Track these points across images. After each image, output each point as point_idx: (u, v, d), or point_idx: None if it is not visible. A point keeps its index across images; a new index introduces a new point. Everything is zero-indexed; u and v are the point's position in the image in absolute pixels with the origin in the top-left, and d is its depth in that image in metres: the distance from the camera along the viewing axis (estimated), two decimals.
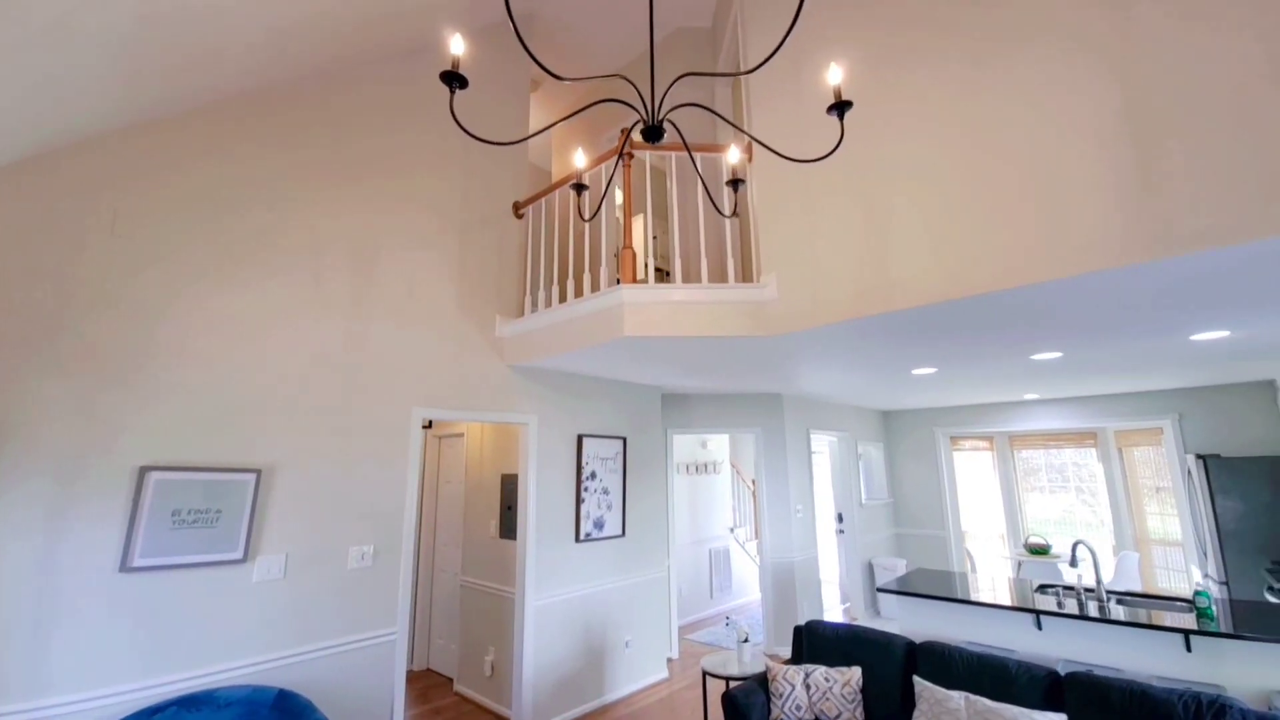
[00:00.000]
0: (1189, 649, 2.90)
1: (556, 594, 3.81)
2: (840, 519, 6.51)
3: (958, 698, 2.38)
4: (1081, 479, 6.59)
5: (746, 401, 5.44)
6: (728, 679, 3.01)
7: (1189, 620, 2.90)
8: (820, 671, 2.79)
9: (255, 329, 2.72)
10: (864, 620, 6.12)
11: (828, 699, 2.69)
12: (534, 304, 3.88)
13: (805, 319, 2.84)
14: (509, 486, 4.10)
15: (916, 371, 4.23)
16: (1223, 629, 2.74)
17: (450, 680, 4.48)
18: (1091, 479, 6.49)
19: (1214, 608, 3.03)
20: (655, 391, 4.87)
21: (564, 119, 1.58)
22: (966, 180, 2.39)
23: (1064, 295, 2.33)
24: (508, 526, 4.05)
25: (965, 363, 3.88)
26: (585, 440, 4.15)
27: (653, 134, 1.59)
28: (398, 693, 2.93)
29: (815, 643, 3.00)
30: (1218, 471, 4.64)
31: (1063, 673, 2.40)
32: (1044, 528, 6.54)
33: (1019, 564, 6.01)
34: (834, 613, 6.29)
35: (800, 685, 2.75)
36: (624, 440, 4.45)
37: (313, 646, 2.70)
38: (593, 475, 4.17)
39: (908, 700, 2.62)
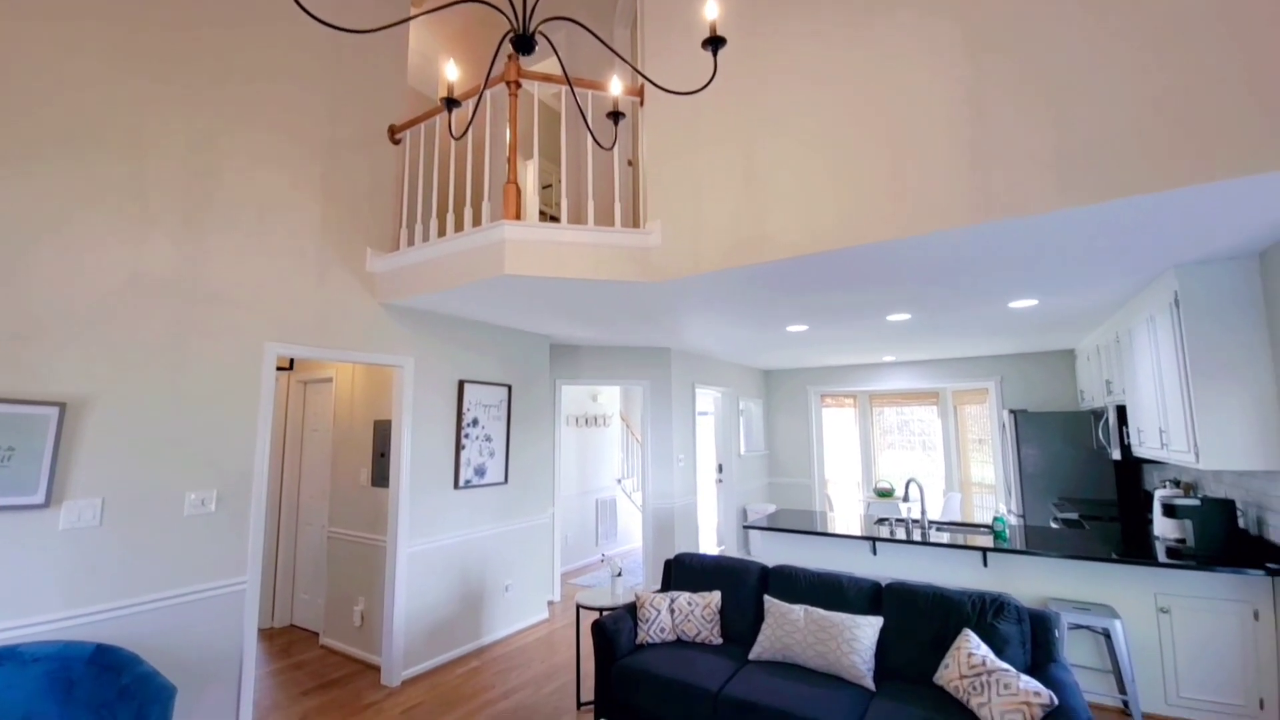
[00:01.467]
0: (986, 564, 3.46)
1: (432, 540, 3.73)
2: (720, 469, 6.92)
3: (799, 610, 2.67)
4: (926, 434, 7.50)
5: (635, 354, 5.54)
6: (600, 610, 3.14)
7: (988, 542, 3.44)
8: (684, 597, 2.99)
9: (54, 242, 2.31)
10: None
11: (689, 620, 2.90)
12: (410, 238, 3.64)
13: (687, 266, 2.91)
14: (382, 433, 3.90)
15: (790, 328, 4.53)
16: (1015, 548, 3.29)
17: (316, 635, 4.28)
18: (932, 434, 7.42)
19: (1007, 532, 3.63)
20: (543, 341, 4.81)
21: (425, 12, 1.46)
22: (833, 141, 2.54)
23: (909, 254, 2.58)
24: (380, 474, 3.86)
25: (831, 321, 4.21)
26: (467, 386, 4.03)
27: (523, 44, 1.52)
28: (248, 643, 2.74)
29: (683, 573, 3.21)
30: (1024, 424, 5.48)
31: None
32: (893, 477, 7.40)
33: (869, 505, 6.78)
34: (710, 552, 6.73)
35: (665, 610, 2.94)
36: (509, 388, 4.37)
37: (143, 599, 2.44)
38: (474, 422, 4.07)
39: (759, 617, 2.89)
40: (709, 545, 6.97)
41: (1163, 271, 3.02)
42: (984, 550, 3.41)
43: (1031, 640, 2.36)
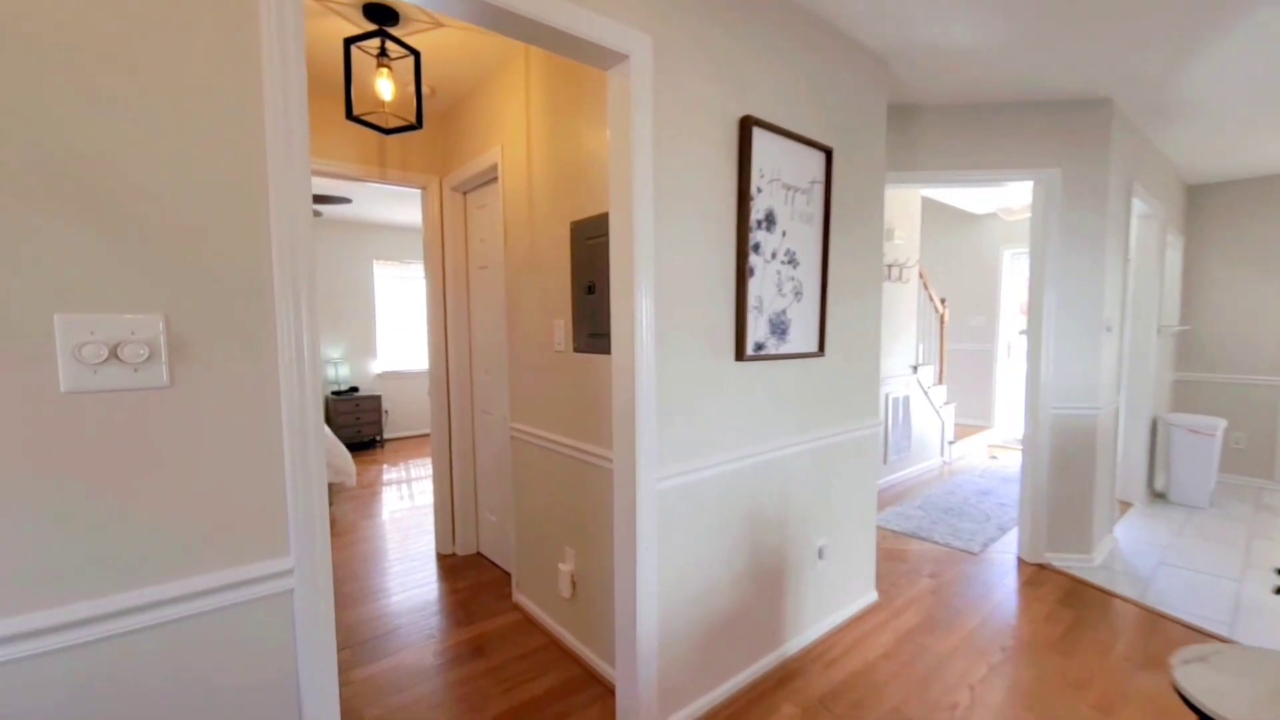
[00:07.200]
0: None
1: (701, 464, 1.76)
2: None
3: None
4: None
5: (1036, 114, 2.79)
6: None
7: None
8: None
9: None
10: (1150, 511, 3.89)
11: None
12: None
13: None
14: (587, 242, 1.92)
15: None
16: None
17: (508, 578, 2.80)
18: None
19: None
20: (877, 69, 2.33)
21: None
22: None
23: None
24: (590, 327, 1.94)
25: None
26: (758, 135, 1.81)
27: None
28: (323, 702, 1.05)
29: None
30: None
31: None
32: None
33: None
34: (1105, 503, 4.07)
35: None
36: (827, 156, 2.06)
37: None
38: (768, 220, 1.89)
39: None
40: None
41: None
42: None
43: None
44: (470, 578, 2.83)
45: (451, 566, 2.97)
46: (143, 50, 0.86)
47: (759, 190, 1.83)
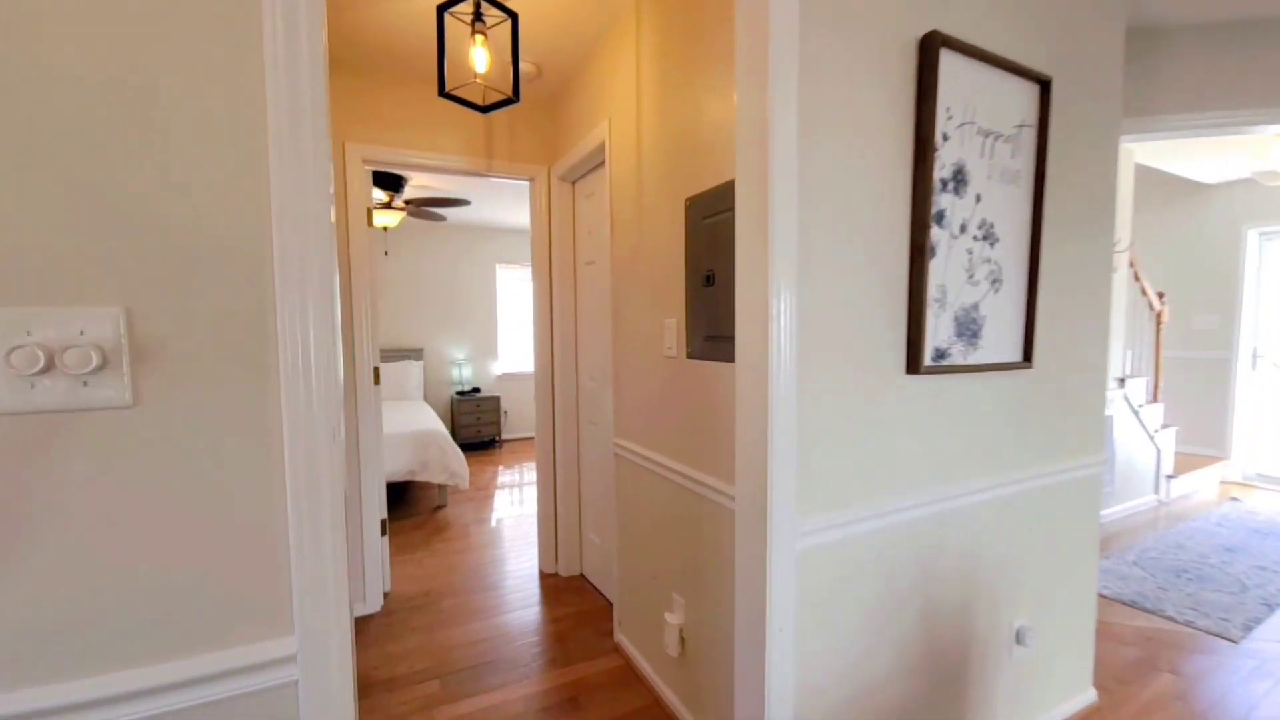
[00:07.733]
0: None
1: (854, 514, 1.30)
2: None
3: None
4: None
5: None
6: None
7: None
8: None
9: None
10: None
11: None
12: None
13: None
14: (705, 222, 1.53)
15: None
16: None
17: (610, 609, 2.49)
18: None
19: None
20: None
21: None
22: None
23: None
24: (707, 327, 1.55)
25: None
26: (945, 60, 1.30)
27: None
28: None
29: None
30: None
31: None
32: None
33: None
34: None
35: None
36: (1044, 89, 1.48)
37: None
38: (957, 179, 1.37)
39: None
40: None
41: None
42: None
43: None
44: (571, 604, 2.57)
45: (553, 589, 2.73)
46: None
47: (945, 137, 1.32)
